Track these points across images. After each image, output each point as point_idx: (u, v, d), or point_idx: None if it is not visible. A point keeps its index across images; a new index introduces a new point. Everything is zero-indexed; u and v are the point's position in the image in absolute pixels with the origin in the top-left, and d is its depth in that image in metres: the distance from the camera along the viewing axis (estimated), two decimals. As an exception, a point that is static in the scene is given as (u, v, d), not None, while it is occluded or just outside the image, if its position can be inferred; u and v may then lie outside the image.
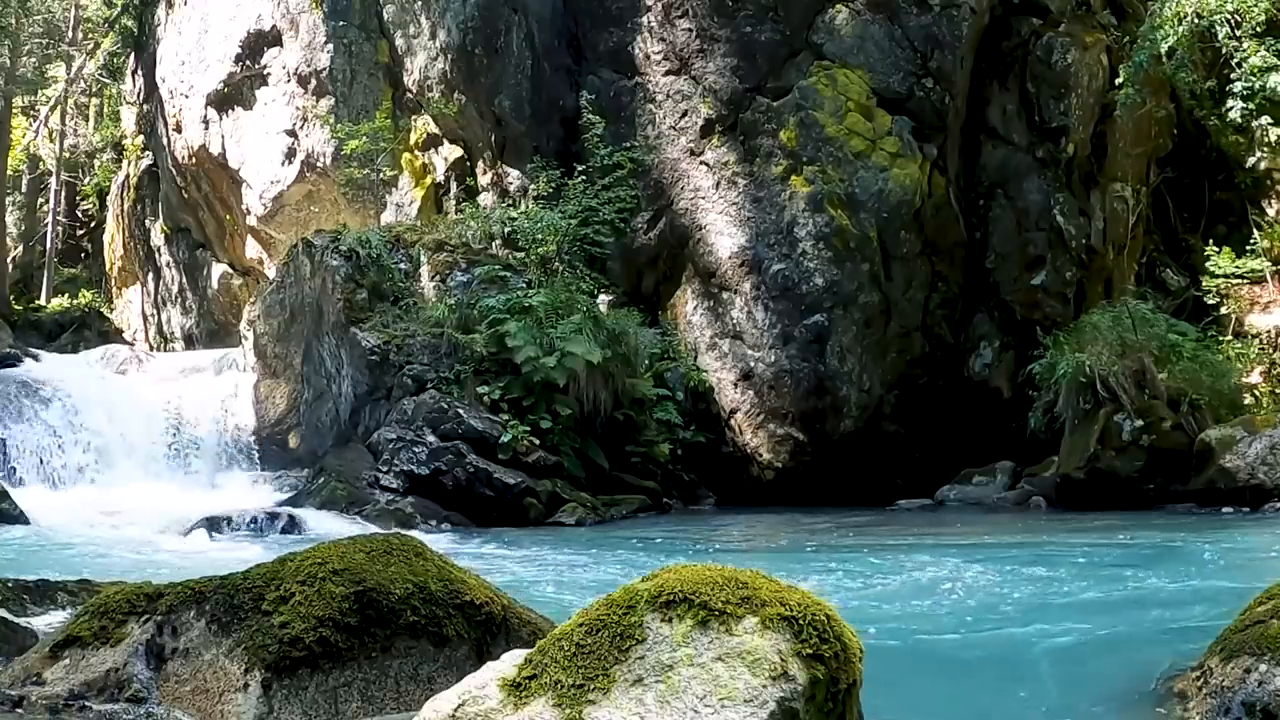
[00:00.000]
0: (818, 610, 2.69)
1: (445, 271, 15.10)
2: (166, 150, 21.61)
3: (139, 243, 23.39)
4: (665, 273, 15.67)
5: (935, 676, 4.99)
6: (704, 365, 15.07)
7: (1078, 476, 13.01)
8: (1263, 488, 11.94)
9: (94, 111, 29.70)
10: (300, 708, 3.14)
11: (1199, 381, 13.16)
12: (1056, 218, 15.08)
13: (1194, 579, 7.41)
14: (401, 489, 12.58)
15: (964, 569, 8.00)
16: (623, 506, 13.33)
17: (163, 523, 11.35)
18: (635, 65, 15.93)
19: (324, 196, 18.87)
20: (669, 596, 2.67)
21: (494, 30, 16.76)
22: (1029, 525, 11.69)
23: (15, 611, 3.99)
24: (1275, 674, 3.48)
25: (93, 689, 3.20)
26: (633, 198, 15.60)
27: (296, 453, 14.66)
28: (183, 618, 3.30)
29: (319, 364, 14.79)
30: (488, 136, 17.08)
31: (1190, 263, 15.97)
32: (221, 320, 21.38)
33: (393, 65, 17.98)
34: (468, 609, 3.41)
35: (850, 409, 14.60)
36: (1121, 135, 15.33)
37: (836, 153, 14.67)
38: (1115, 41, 15.67)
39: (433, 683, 3.24)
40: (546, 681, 2.61)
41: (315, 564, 3.34)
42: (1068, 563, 8.39)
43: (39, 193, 29.50)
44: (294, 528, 11.41)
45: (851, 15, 15.03)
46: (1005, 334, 15.17)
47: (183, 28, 20.78)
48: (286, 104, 18.96)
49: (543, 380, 13.36)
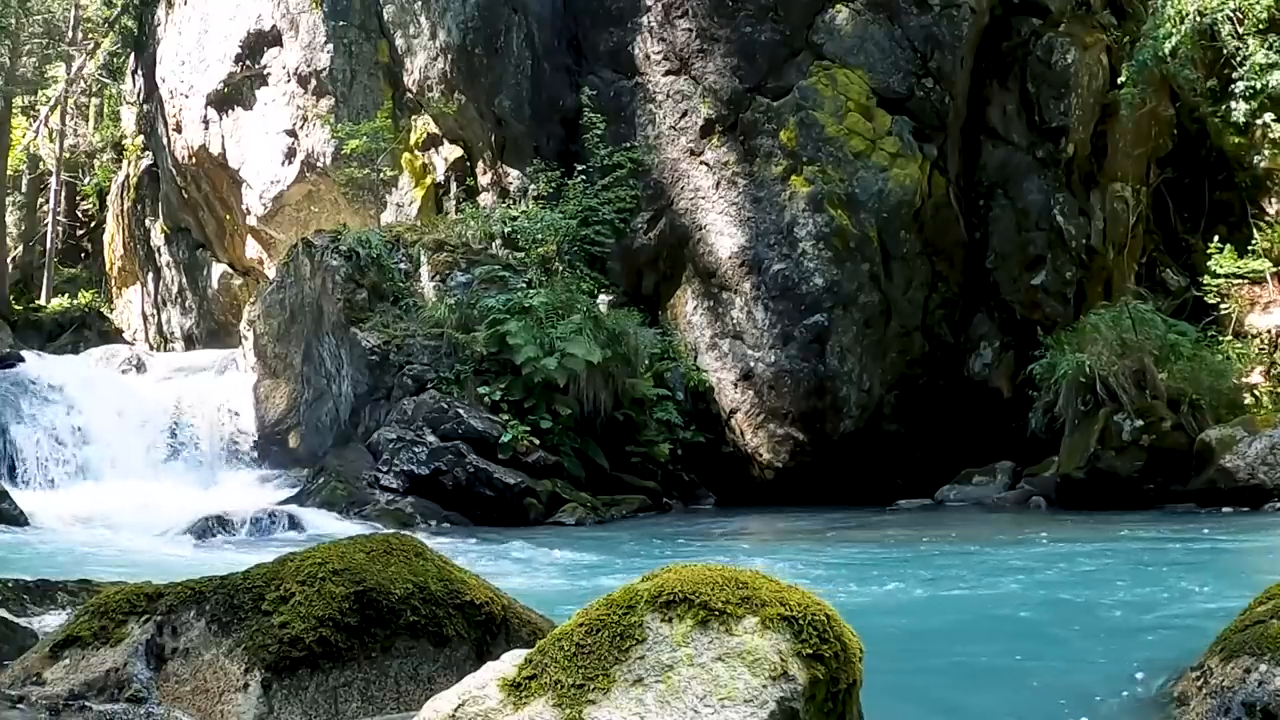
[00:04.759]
0: (818, 610, 2.69)
1: (445, 271, 15.10)
2: (166, 150, 21.61)
3: (139, 243, 23.39)
4: (665, 273, 15.67)
5: (935, 676, 4.99)
6: (704, 365, 15.07)
7: (1078, 476, 13.01)
8: (1263, 488, 11.94)
9: (94, 111, 29.70)
10: (300, 708, 3.14)
11: (1199, 381, 13.16)
12: (1056, 218, 15.08)
13: (1194, 579, 7.41)
14: (401, 489, 12.59)
15: (964, 569, 8.00)
16: (623, 506, 13.33)
17: (163, 523, 11.35)
18: (635, 65, 15.93)
19: (324, 196, 18.87)
20: (669, 596, 2.67)
21: (494, 30, 16.76)
22: (1029, 525, 11.68)
23: (15, 611, 3.99)
24: (1275, 674, 3.48)
25: (93, 689, 3.20)
26: (633, 198, 15.61)
27: (296, 453, 14.66)
28: (183, 618, 3.30)
29: (319, 364, 14.79)
30: (488, 136, 17.08)
31: (1190, 263, 15.96)
32: (221, 320, 21.38)
33: (393, 65, 17.97)
34: (468, 609, 3.41)
35: (850, 409, 14.60)
36: (1121, 135, 15.33)
37: (836, 153, 14.67)
38: (1115, 41, 15.67)
39: (433, 683, 3.24)
40: (546, 681, 2.61)
41: (315, 564, 3.34)
42: (1067, 563, 8.39)
43: (39, 193, 29.50)
44: (294, 528, 11.41)
45: (851, 15, 15.03)
46: (1005, 334, 15.17)
47: (183, 28, 20.77)
48: (286, 104, 18.96)
49: (543, 380, 13.36)
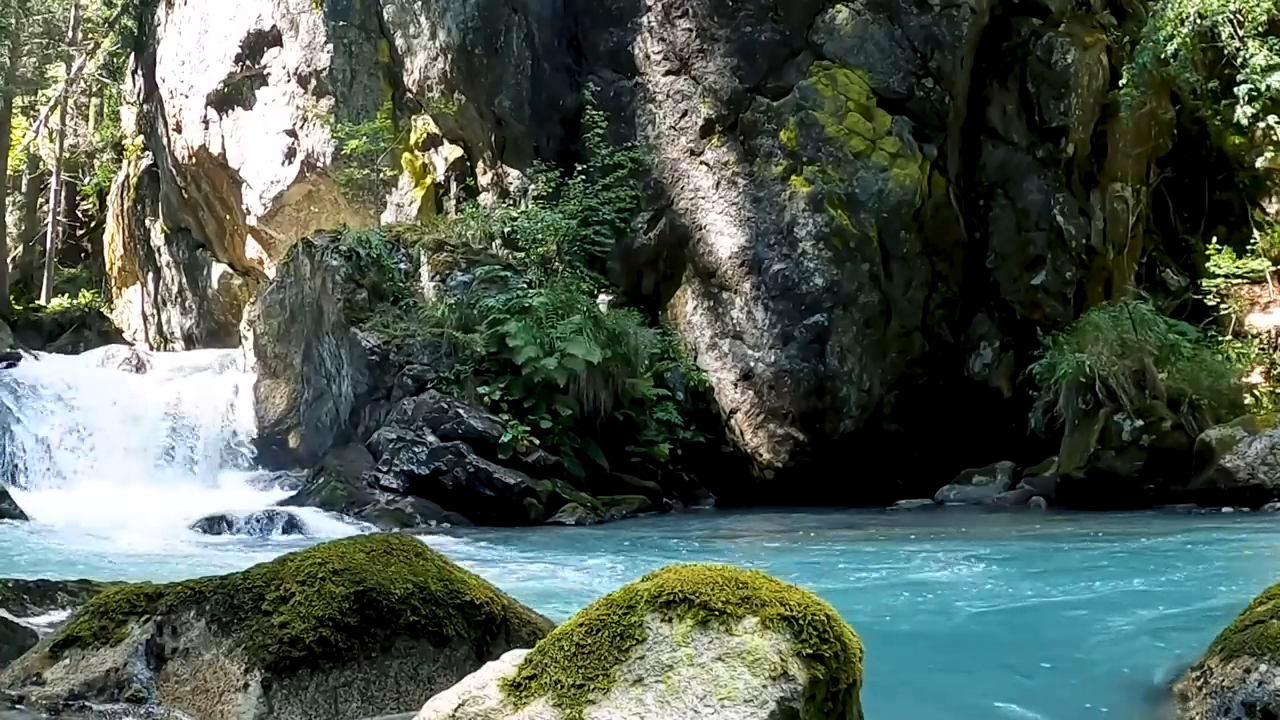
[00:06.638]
0: (818, 610, 2.68)
1: (445, 271, 15.09)
2: (166, 150, 21.61)
3: (139, 243, 23.40)
4: (665, 273, 15.67)
5: (935, 676, 4.99)
6: (704, 365, 15.07)
7: (1078, 476, 13.01)
8: (1263, 488, 11.95)
9: (94, 111, 29.69)
10: (300, 708, 3.14)
11: (1199, 381, 13.16)
12: (1056, 218, 15.08)
13: (1194, 579, 7.41)
14: (401, 489, 12.58)
15: (964, 569, 8.00)
16: (623, 506, 13.33)
17: (163, 522, 11.34)
18: (635, 65, 15.93)
19: (324, 196, 18.87)
20: (669, 596, 2.67)
21: (494, 30, 16.76)
22: (1029, 525, 11.69)
23: (15, 611, 3.98)
24: (1275, 674, 3.48)
25: (93, 689, 3.20)
26: (633, 198, 15.60)
27: (296, 453, 14.66)
28: (183, 618, 3.30)
29: (319, 364, 14.79)
30: (488, 136, 17.07)
31: (1190, 263, 15.97)
32: (221, 320, 21.38)
33: (393, 65, 17.97)
34: (468, 609, 3.41)
35: (850, 409, 14.60)
36: (1121, 135, 15.34)
37: (836, 153, 14.67)
38: (1115, 41, 15.67)
39: (433, 683, 3.24)
40: (546, 681, 2.61)
41: (315, 564, 3.34)
42: (1067, 563, 8.39)
43: (39, 193, 29.49)
44: (294, 528, 11.40)
45: (851, 15, 15.03)
46: (1005, 334, 15.17)
47: (183, 28, 20.77)
48: (286, 104, 18.96)
49: (543, 380, 13.36)
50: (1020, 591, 7.13)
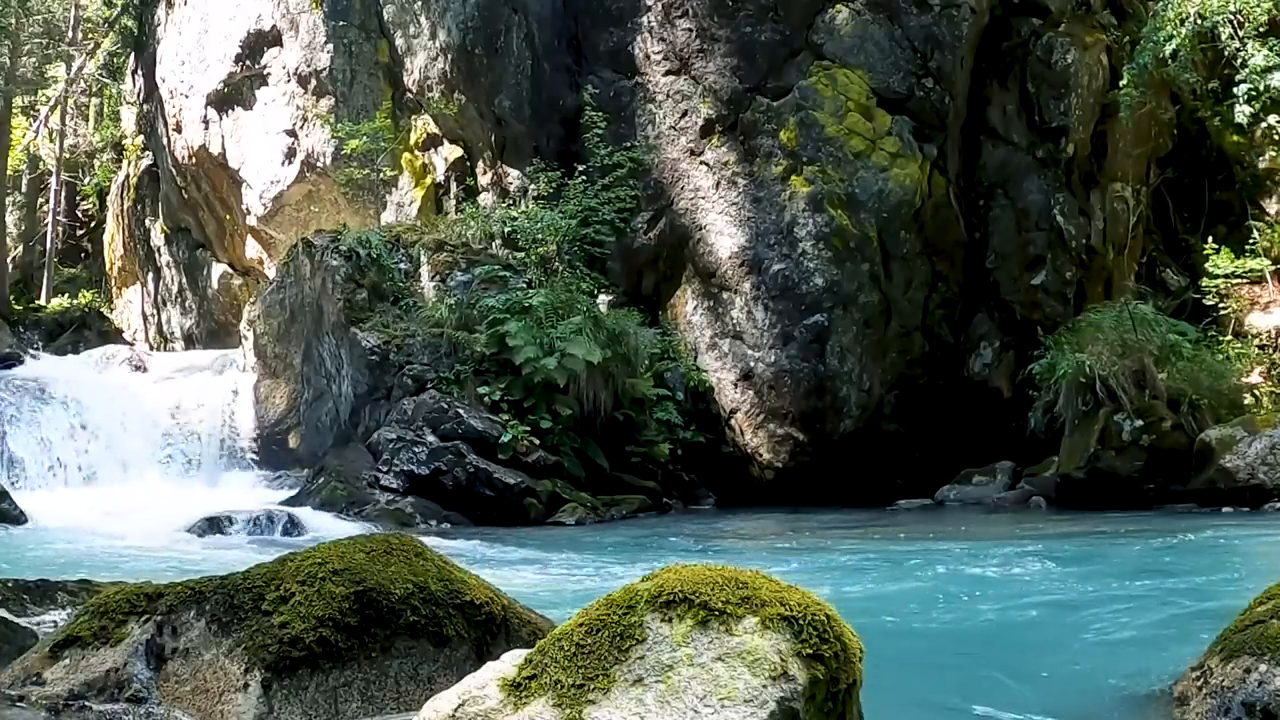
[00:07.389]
0: (818, 610, 2.68)
1: (445, 271, 15.10)
2: (166, 150, 21.61)
3: (139, 243, 23.39)
4: (665, 273, 15.67)
5: (935, 676, 5.00)
6: (704, 365, 15.07)
7: (1078, 476, 13.01)
8: (1263, 488, 11.95)
9: (94, 111, 29.68)
10: (300, 708, 3.14)
11: (1199, 381, 13.16)
12: (1056, 218, 15.08)
13: (1194, 579, 7.41)
14: (401, 489, 12.58)
15: (964, 569, 8.00)
16: (623, 506, 13.33)
17: (163, 523, 11.35)
18: (635, 65, 15.93)
19: (324, 196, 18.87)
20: (669, 596, 2.67)
21: (494, 30, 16.76)
22: (1029, 525, 11.69)
23: (15, 611, 3.98)
24: (1275, 674, 3.48)
25: (93, 689, 3.20)
26: (633, 198, 15.60)
27: (296, 453, 14.66)
28: (183, 618, 3.30)
29: (319, 364, 14.79)
30: (488, 136, 17.08)
31: (1190, 263, 15.97)
32: (221, 320, 21.38)
33: (393, 65, 17.98)
34: (468, 609, 3.41)
35: (850, 409, 14.60)
36: (1121, 135, 15.34)
37: (836, 153, 14.67)
38: (1115, 41, 15.67)
39: (433, 683, 3.24)
40: (546, 681, 2.61)
41: (315, 564, 3.34)
42: (1067, 563, 8.39)
43: (39, 193, 29.48)
44: (294, 528, 11.41)
45: (851, 15, 15.03)
46: (1005, 334, 15.17)
47: (183, 28, 20.77)
48: (286, 104, 18.96)
49: (543, 380, 13.36)
50: (1020, 591, 7.13)
